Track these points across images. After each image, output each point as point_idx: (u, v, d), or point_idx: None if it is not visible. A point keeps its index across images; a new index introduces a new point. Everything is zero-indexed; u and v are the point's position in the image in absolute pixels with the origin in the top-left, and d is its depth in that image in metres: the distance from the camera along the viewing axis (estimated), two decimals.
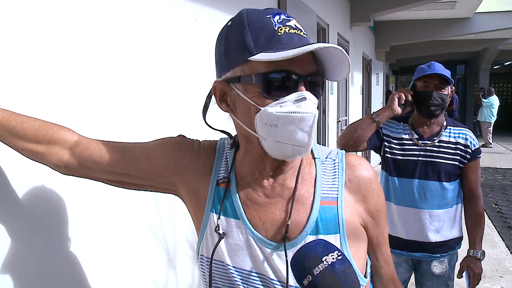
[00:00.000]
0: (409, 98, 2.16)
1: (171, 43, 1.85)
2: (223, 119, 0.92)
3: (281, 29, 0.80)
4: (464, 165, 2.13)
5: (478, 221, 2.17)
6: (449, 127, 2.18)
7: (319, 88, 0.84)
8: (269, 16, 0.81)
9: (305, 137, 0.80)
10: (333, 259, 0.72)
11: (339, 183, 0.91)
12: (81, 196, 1.32)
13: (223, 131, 0.99)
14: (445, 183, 2.12)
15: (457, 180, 2.17)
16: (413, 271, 2.30)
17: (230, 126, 0.93)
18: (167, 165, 0.97)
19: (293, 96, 0.79)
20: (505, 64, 17.83)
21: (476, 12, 9.29)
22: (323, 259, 0.72)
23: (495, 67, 17.77)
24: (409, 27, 10.10)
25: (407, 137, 2.18)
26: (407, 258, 2.24)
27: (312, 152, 0.95)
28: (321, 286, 0.70)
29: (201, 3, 2.10)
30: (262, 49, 0.78)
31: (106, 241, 1.45)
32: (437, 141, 2.14)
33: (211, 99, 0.93)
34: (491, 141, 12.78)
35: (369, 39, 9.47)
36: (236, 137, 0.96)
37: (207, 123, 0.96)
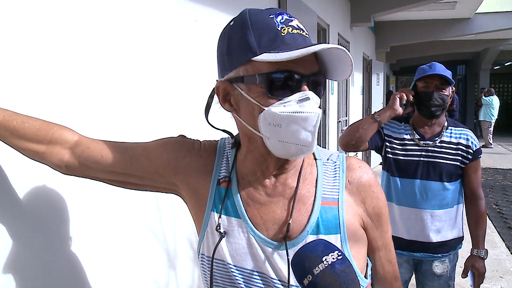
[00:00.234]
0: (411, 98, 2.16)
1: (171, 43, 1.85)
2: (224, 118, 0.92)
3: (284, 29, 0.80)
4: (465, 166, 2.14)
5: (480, 221, 2.18)
6: (450, 128, 2.18)
7: (321, 88, 0.84)
8: (271, 16, 0.81)
9: (308, 136, 0.80)
10: (333, 259, 0.72)
11: (340, 185, 0.91)
12: (81, 196, 1.32)
13: (225, 130, 0.99)
14: (446, 183, 2.12)
15: (458, 180, 2.17)
16: (414, 272, 2.31)
17: (231, 125, 0.94)
18: (167, 165, 0.97)
19: (296, 96, 0.79)
20: (506, 64, 17.83)
21: (476, 12, 9.29)
22: (323, 259, 0.72)
23: (495, 68, 17.77)
24: (409, 27, 10.11)
25: (408, 137, 2.18)
26: (408, 258, 2.24)
27: (313, 153, 0.95)
28: (321, 285, 0.70)
29: (201, 3, 2.10)
30: (265, 49, 0.79)
31: (106, 241, 1.45)
32: (438, 142, 2.15)
33: (213, 99, 0.93)
34: (491, 142, 12.78)
35: (370, 39, 9.47)
36: (237, 136, 0.96)
37: (209, 122, 0.96)
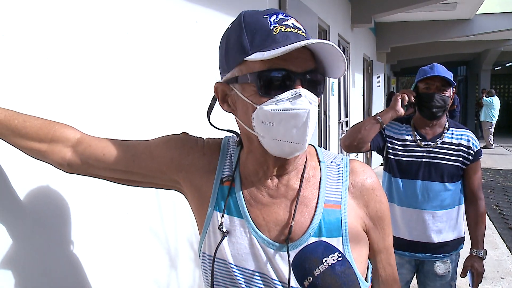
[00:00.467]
0: (412, 99, 2.16)
1: (172, 44, 1.86)
2: (231, 119, 0.92)
3: (276, 28, 0.80)
4: (466, 167, 2.15)
5: (480, 221, 2.19)
6: (451, 129, 2.19)
7: (319, 86, 0.84)
8: (265, 16, 0.82)
9: (300, 133, 0.80)
10: (333, 260, 0.72)
11: (343, 188, 0.91)
12: (82, 196, 1.33)
13: (229, 130, 0.99)
14: (447, 184, 2.13)
15: (459, 181, 2.18)
16: (416, 272, 2.31)
17: (236, 126, 0.94)
18: (170, 162, 0.97)
19: (288, 93, 0.79)
20: (506, 65, 17.82)
21: (477, 13, 9.29)
22: (324, 260, 0.72)
23: (496, 68, 17.76)
24: (410, 28, 10.11)
25: (410, 138, 2.19)
26: (410, 259, 2.24)
27: (317, 155, 0.95)
28: (321, 287, 0.70)
29: (202, 4, 2.10)
30: (257, 48, 0.79)
31: (107, 241, 1.45)
32: (440, 143, 2.15)
33: (216, 100, 0.93)
34: (492, 143, 12.77)
35: (370, 40, 9.47)
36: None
37: (211, 123, 0.96)
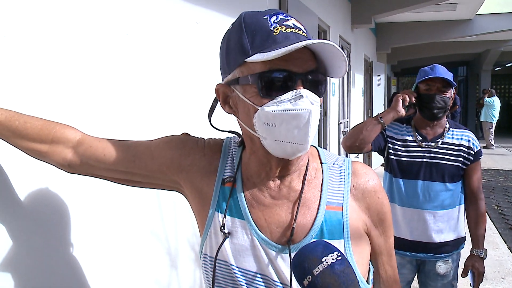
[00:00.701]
0: (413, 100, 2.17)
1: (172, 45, 1.86)
2: (232, 120, 0.92)
3: (276, 29, 0.79)
4: (466, 167, 2.16)
5: (480, 221, 2.20)
6: (451, 129, 2.20)
7: (321, 86, 0.83)
8: (266, 17, 0.81)
9: (302, 134, 0.79)
10: (333, 259, 0.72)
11: (345, 189, 0.90)
12: (82, 196, 1.33)
13: (231, 131, 0.98)
14: (448, 184, 2.14)
15: (460, 181, 2.19)
16: (417, 272, 2.31)
17: (238, 127, 0.94)
18: (170, 163, 0.97)
19: (289, 94, 0.78)
20: (507, 65, 17.78)
21: (477, 14, 9.29)
22: (323, 260, 0.72)
23: (496, 69, 17.73)
24: (410, 28, 10.10)
25: (411, 138, 2.20)
26: (411, 259, 2.25)
27: (319, 157, 0.95)
28: (320, 286, 0.70)
29: (202, 5, 2.11)
30: (257, 49, 0.78)
31: (108, 241, 1.45)
32: (440, 143, 2.16)
33: (217, 102, 0.93)
34: (493, 143, 12.75)
35: (371, 41, 9.47)
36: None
37: (212, 124, 0.96)
